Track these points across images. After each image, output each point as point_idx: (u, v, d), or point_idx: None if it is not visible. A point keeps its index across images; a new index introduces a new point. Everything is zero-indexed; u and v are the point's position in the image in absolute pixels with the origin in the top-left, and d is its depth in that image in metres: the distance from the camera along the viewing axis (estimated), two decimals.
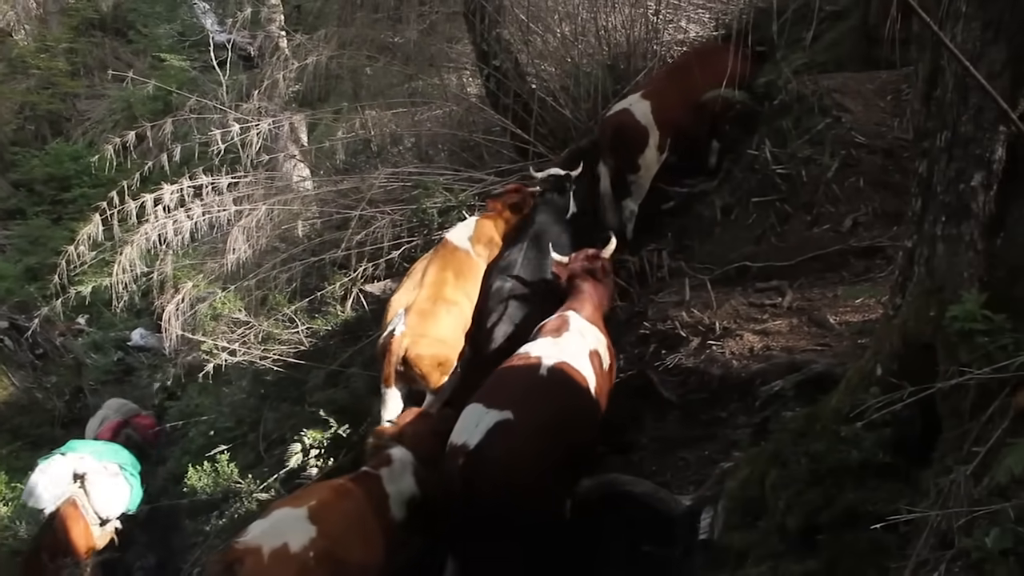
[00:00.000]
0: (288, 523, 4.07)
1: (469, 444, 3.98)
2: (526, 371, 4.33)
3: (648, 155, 6.44)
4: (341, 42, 8.17)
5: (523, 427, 4.04)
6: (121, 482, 6.52)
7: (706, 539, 3.66)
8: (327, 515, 4.16)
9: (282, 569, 3.92)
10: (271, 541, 3.96)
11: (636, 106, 6.45)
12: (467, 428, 4.06)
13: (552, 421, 4.13)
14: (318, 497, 4.27)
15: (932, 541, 2.51)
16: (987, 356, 2.57)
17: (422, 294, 5.49)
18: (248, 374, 7.83)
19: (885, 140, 5.82)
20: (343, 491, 4.39)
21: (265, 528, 4.04)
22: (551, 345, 4.45)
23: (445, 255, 5.82)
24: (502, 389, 4.27)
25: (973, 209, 2.72)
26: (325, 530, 4.08)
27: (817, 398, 3.53)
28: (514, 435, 4.01)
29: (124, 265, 7.17)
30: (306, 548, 3.98)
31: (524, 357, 4.43)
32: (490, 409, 4.09)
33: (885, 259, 5.07)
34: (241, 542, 3.96)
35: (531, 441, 4.03)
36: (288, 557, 3.93)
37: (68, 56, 18.37)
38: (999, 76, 2.58)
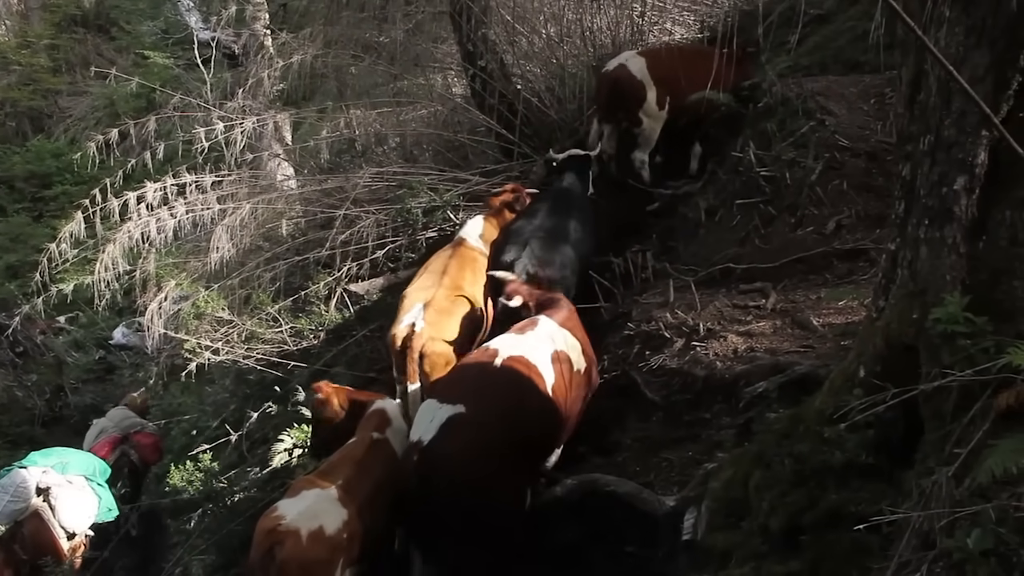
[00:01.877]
0: (322, 505, 4.22)
1: (423, 440, 4.07)
2: (481, 365, 4.40)
3: (648, 108, 6.60)
4: (326, 41, 8.16)
5: (474, 419, 4.11)
6: (88, 494, 6.35)
7: (689, 540, 3.66)
8: (356, 495, 4.33)
9: (320, 550, 4.10)
10: (308, 523, 4.11)
11: (631, 62, 6.59)
12: (422, 424, 4.17)
13: (504, 413, 4.19)
14: (344, 476, 4.41)
15: (914, 542, 2.52)
16: (969, 358, 2.59)
17: (441, 292, 5.52)
18: (231, 373, 7.79)
19: (868, 143, 5.85)
20: (365, 466, 4.52)
21: (301, 510, 4.18)
22: (512, 340, 4.52)
23: (464, 254, 5.90)
24: (457, 383, 4.37)
25: (956, 212, 2.73)
26: (355, 510, 4.27)
27: (800, 399, 3.54)
28: (465, 428, 4.08)
29: (106, 263, 7.14)
30: (340, 530, 4.17)
31: (482, 351, 4.53)
32: (443, 404, 4.16)
33: (868, 261, 5.09)
34: (282, 525, 4.10)
35: (482, 432, 4.10)
36: (325, 539, 4.11)
37: (50, 52, 18.25)
38: (982, 81, 2.60)
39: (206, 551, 6.22)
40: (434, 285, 5.57)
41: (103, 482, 6.53)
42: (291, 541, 4.06)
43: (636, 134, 6.75)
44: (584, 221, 6.07)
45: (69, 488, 6.15)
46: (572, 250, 5.80)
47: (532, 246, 5.59)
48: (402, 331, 5.25)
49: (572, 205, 6.14)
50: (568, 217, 5.97)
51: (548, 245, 5.68)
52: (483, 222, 6.16)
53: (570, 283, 5.71)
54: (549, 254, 5.63)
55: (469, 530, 4.08)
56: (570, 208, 6.09)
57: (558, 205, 6.08)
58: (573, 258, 5.78)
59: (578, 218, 6.04)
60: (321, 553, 4.12)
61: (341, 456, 4.68)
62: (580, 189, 6.39)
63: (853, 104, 6.22)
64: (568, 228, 5.90)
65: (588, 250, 6.02)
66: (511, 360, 4.34)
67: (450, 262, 5.78)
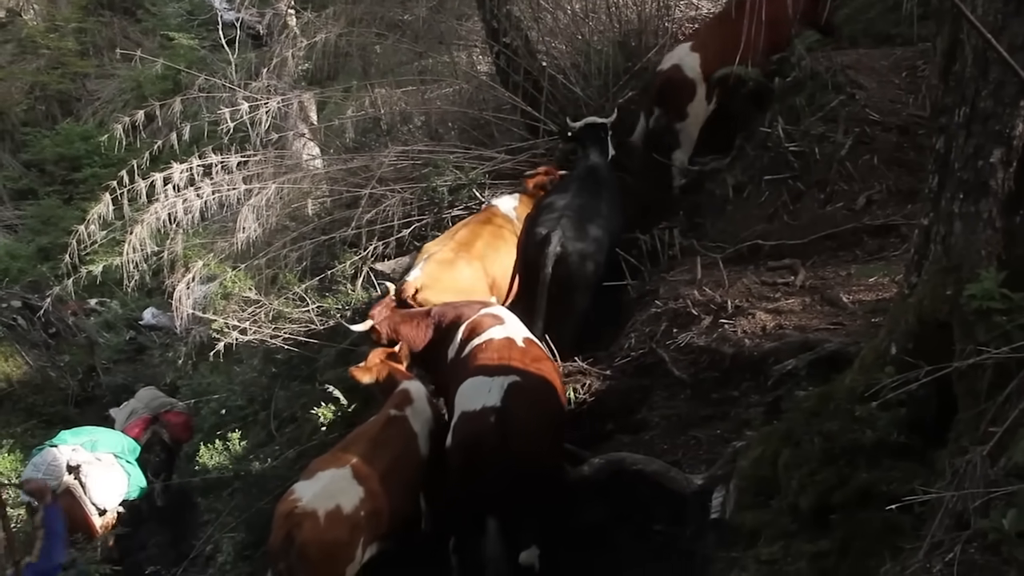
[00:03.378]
0: (338, 485, 4.29)
1: (496, 403, 4.24)
2: (508, 346, 4.64)
3: (696, 104, 6.57)
4: (350, 20, 8.11)
5: (530, 387, 4.39)
6: (117, 471, 6.44)
7: (718, 518, 3.66)
8: (372, 472, 4.38)
9: (338, 530, 4.16)
10: (325, 504, 4.18)
11: (686, 60, 6.57)
12: (481, 394, 4.31)
13: (545, 382, 4.52)
14: (359, 454, 4.45)
15: (947, 522, 2.49)
16: (1005, 335, 2.54)
17: (448, 245, 5.74)
18: (259, 353, 7.84)
19: (900, 117, 5.76)
20: (380, 443, 4.57)
21: (317, 491, 4.23)
22: (507, 329, 4.79)
23: (487, 217, 6.13)
24: (495, 362, 4.52)
25: (992, 186, 2.68)
26: (371, 488, 4.33)
27: (830, 377, 3.50)
28: (528, 394, 4.34)
29: (134, 244, 7.17)
30: (357, 508, 4.23)
31: (488, 342, 4.68)
32: (495, 376, 4.37)
33: (899, 237, 5.03)
34: (299, 507, 4.15)
35: (541, 399, 4.44)
36: (342, 518, 4.18)
37: (77, 36, 18.34)
38: (1021, 49, 2.54)
39: (236, 529, 6.28)
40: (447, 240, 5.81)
41: (132, 460, 6.62)
42: (309, 523, 4.10)
43: (678, 130, 6.65)
44: (613, 198, 6.18)
45: (99, 465, 6.26)
46: (601, 227, 5.89)
47: (564, 222, 5.71)
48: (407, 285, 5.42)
49: (601, 182, 6.23)
50: (598, 194, 6.08)
51: (579, 221, 5.79)
52: (518, 199, 6.36)
53: (596, 265, 5.81)
54: (581, 230, 5.76)
55: (538, 492, 4.30)
56: (600, 185, 6.19)
57: (588, 182, 6.17)
58: (601, 235, 5.86)
59: (607, 195, 6.15)
60: (340, 533, 4.16)
61: (357, 434, 4.75)
62: (606, 164, 6.42)
63: (884, 77, 6.13)
64: (598, 205, 6.01)
65: (617, 227, 6.10)
66: (527, 340, 4.73)
67: (471, 224, 6.01)
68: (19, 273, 13.17)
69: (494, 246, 5.94)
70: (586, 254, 5.75)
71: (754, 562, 3.12)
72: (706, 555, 3.64)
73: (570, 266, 5.67)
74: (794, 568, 2.96)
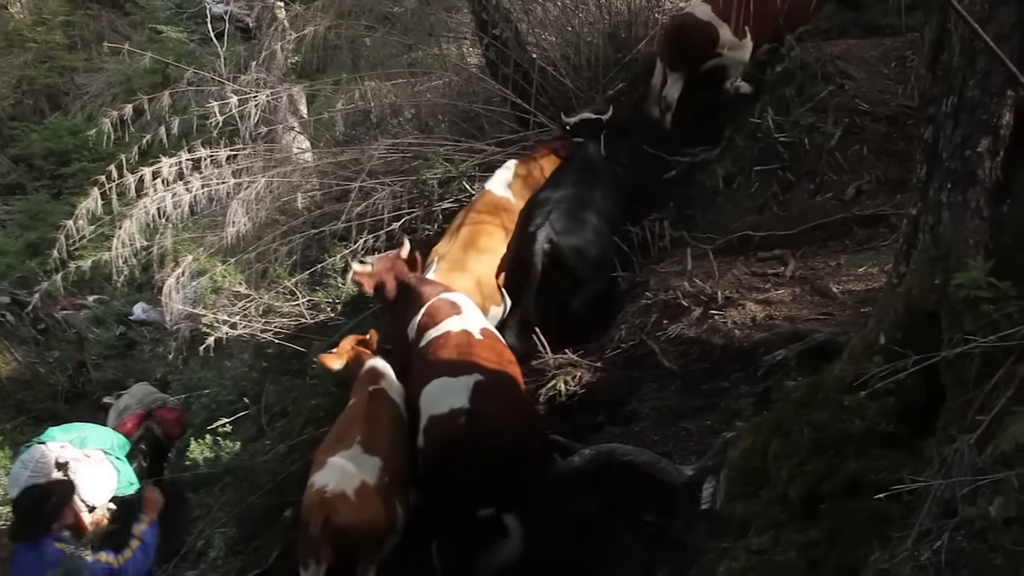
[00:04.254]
0: (354, 463, 4.37)
1: (463, 405, 4.28)
2: (467, 340, 4.68)
3: (726, 42, 6.62)
4: (339, 12, 8.09)
5: (495, 384, 4.44)
6: (107, 468, 6.41)
7: (708, 509, 3.66)
8: (378, 443, 4.50)
9: (372, 503, 4.28)
10: (351, 483, 4.27)
11: (697, 8, 6.64)
12: (447, 396, 4.36)
13: (506, 374, 4.58)
14: (360, 431, 4.56)
15: (935, 510, 2.50)
16: (992, 324, 2.54)
17: (455, 244, 5.74)
18: (249, 347, 7.82)
19: (889, 107, 5.77)
20: (373, 417, 4.67)
21: (338, 475, 4.31)
22: (464, 320, 4.83)
23: (483, 204, 6.07)
24: (457, 359, 4.55)
25: (979, 175, 2.68)
26: (384, 455, 4.45)
27: (820, 367, 3.51)
28: (493, 392, 4.39)
29: (124, 239, 7.13)
30: (380, 478, 4.35)
31: (446, 336, 4.73)
32: (458, 377, 4.41)
33: (888, 227, 5.04)
34: (328, 493, 4.23)
35: (507, 393, 4.51)
36: (371, 491, 4.29)
37: (65, 29, 18.24)
38: (1008, 39, 2.54)
39: (227, 524, 6.27)
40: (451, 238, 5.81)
41: (122, 456, 6.58)
42: (343, 505, 4.20)
43: (724, 66, 6.76)
44: (608, 189, 6.16)
45: (87, 462, 6.20)
46: (599, 219, 5.87)
47: (553, 216, 5.68)
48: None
49: (597, 174, 6.21)
50: (593, 186, 6.05)
51: (571, 215, 5.75)
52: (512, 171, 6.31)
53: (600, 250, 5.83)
54: (572, 224, 5.71)
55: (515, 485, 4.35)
56: (595, 177, 6.16)
57: (583, 175, 6.14)
58: (597, 224, 5.85)
59: (603, 187, 6.12)
60: (375, 506, 4.29)
61: (347, 417, 4.81)
62: (601, 157, 6.42)
63: (873, 68, 6.13)
64: (594, 197, 5.97)
65: (615, 218, 6.11)
66: (484, 332, 4.78)
67: (467, 213, 5.99)
68: (7, 269, 13.13)
69: (498, 237, 5.91)
70: (581, 247, 5.72)
71: (744, 552, 3.12)
72: (697, 545, 3.65)
73: (567, 261, 5.66)
74: (784, 558, 2.96)
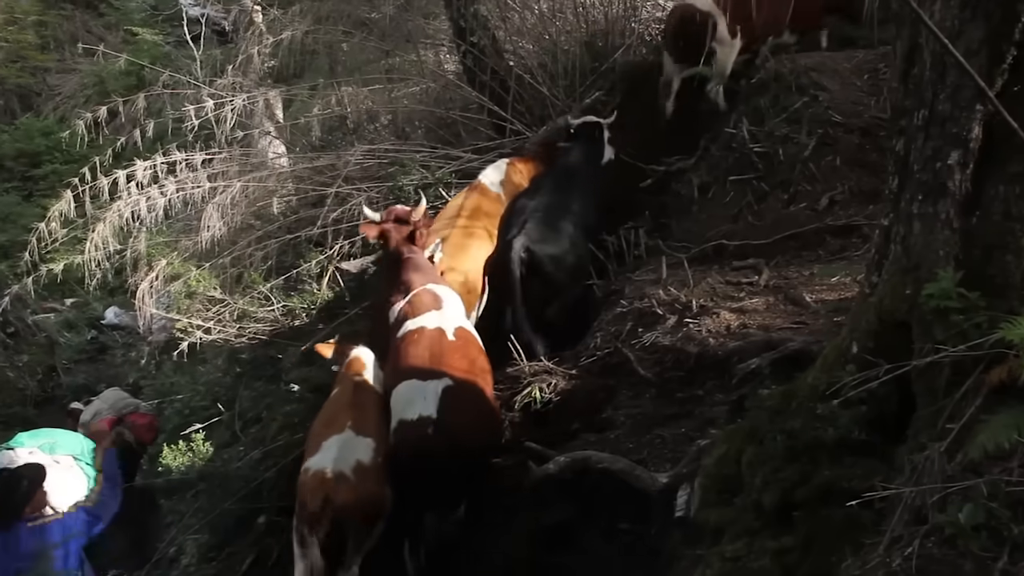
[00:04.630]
0: (349, 445, 4.48)
1: (431, 414, 4.38)
2: (439, 340, 4.75)
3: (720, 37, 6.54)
4: (316, 17, 8.08)
5: (463, 387, 4.54)
6: (76, 474, 6.33)
7: (682, 516, 3.67)
8: (368, 426, 4.62)
9: (369, 481, 4.40)
10: (347, 464, 4.39)
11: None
12: (416, 402, 4.45)
13: (475, 375, 4.68)
14: (350, 416, 4.66)
15: (906, 517, 2.53)
16: (962, 334, 2.58)
17: (458, 229, 5.82)
18: (223, 352, 7.77)
19: (862, 119, 5.84)
20: (358, 404, 4.79)
21: (335, 456, 4.42)
22: (442, 317, 4.89)
23: (480, 194, 6.16)
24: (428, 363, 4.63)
25: (949, 188, 2.72)
26: (375, 436, 4.57)
27: (793, 376, 3.53)
28: (461, 396, 4.50)
29: (97, 242, 7.08)
30: (374, 457, 4.47)
31: (420, 331, 4.80)
32: (427, 380, 4.51)
33: (861, 237, 5.09)
34: (328, 474, 4.33)
35: (474, 397, 4.60)
36: (367, 470, 4.41)
37: (37, 29, 18.07)
38: (977, 54, 2.57)
39: (200, 531, 6.22)
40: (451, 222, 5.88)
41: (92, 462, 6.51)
42: (343, 485, 4.31)
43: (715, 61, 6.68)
44: (586, 197, 6.15)
45: (56, 468, 6.12)
46: (575, 227, 5.89)
47: (529, 225, 5.70)
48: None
49: (576, 181, 6.22)
50: (570, 193, 6.07)
51: (547, 223, 5.77)
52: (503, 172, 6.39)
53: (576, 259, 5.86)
54: (547, 232, 5.73)
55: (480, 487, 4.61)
56: (573, 184, 6.18)
57: (561, 181, 6.19)
58: (574, 233, 5.87)
59: (580, 194, 6.12)
60: (372, 485, 4.41)
61: (335, 407, 4.89)
62: (586, 163, 6.44)
63: (846, 80, 6.21)
64: (571, 205, 5.98)
65: (592, 226, 6.12)
66: (457, 332, 4.83)
67: (467, 201, 6.08)
68: None
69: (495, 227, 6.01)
70: (558, 255, 5.73)
71: (718, 559, 3.14)
72: (671, 553, 3.66)
73: (543, 268, 5.67)
74: (758, 565, 2.98)
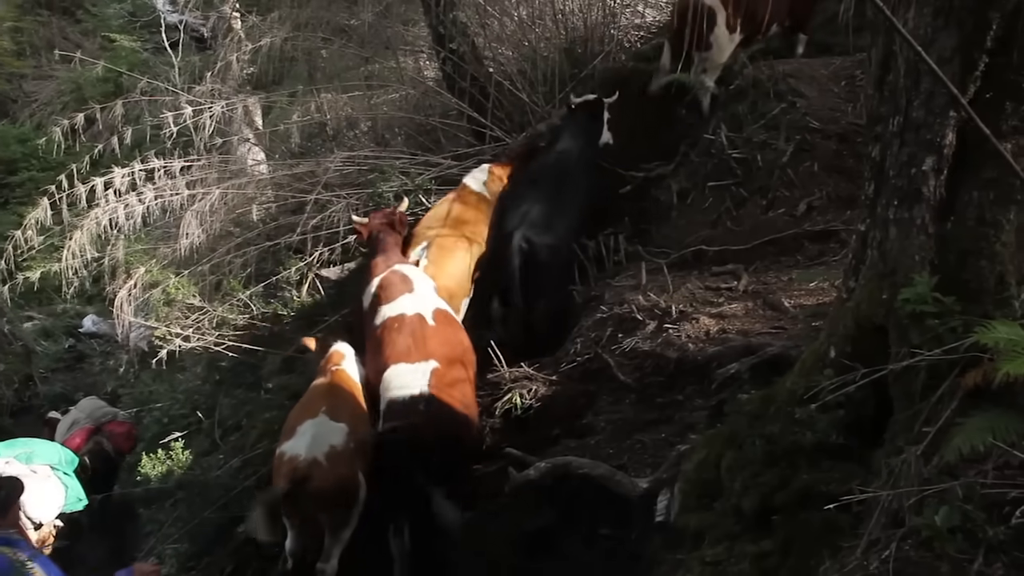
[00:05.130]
0: (322, 429, 4.61)
1: (423, 392, 4.63)
2: (421, 325, 5.00)
3: (719, 32, 6.56)
4: (296, 24, 8.05)
5: (448, 368, 4.78)
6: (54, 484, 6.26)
7: (663, 521, 3.68)
8: (343, 411, 4.77)
9: (341, 466, 4.50)
10: (320, 449, 4.50)
11: None
12: (408, 383, 4.68)
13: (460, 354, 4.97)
14: (326, 402, 4.82)
15: (884, 520, 2.55)
16: (937, 338, 2.60)
17: (445, 231, 5.90)
18: (203, 360, 7.73)
19: (839, 125, 5.88)
20: (335, 392, 4.96)
21: (308, 441, 4.53)
22: (415, 300, 5.15)
23: (466, 197, 6.24)
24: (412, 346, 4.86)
25: (924, 193, 2.75)
26: (349, 422, 4.70)
27: (772, 380, 3.55)
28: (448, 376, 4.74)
29: (74, 250, 7.02)
30: (346, 443, 4.59)
31: (400, 318, 5.03)
32: (416, 363, 4.75)
33: (839, 243, 5.13)
34: (301, 460, 4.44)
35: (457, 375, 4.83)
36: (340, 455, 4.52)
37: (13, 35, 17.91)
38: (949, 62, 2.61)
39: (179, 540, 6.17)
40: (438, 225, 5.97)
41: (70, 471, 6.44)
42: (316, 471, 4.42)
43: (704, 59, 6.70)
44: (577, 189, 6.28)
45: (34, 478, 6.05)
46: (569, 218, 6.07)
47: (531, 214, 5.89)
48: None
49: (569, 169, 6.33)
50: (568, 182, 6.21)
51: (547, 211, 5.95)
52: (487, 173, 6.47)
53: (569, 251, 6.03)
54: (548, 220, 5.92)
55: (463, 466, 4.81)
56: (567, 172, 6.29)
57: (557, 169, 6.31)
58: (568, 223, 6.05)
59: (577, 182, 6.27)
60: (344, 469, 4.50)
61: (312, 395, 5.03)
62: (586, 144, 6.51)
63: (824, 86, 6.25)
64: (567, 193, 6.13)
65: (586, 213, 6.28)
66: (436, 314, 5.08)
67: (454, 204, 6.15)
68: None
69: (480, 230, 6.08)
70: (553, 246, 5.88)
71: (699, 564, 3.15)
72: (652, 557, 3.67)
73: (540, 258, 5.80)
74: (737, 569, 3.00)
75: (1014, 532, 2.31)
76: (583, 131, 6.55)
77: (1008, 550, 2.29)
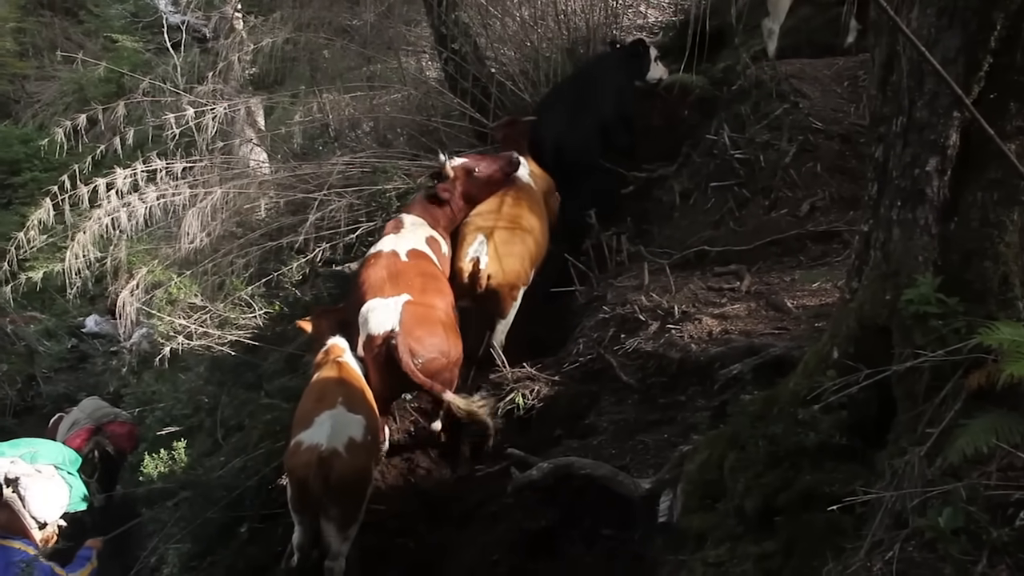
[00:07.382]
0: (341, 420, 4.65)
1: (394, 327, 4.90)
2: (392, 263, 5.29)
3: None
4: (297, 24, 8.05)
5: (421, 299, 5.07)
6: (58, 483, 6.27)
7: (665, 522, 3.68)
8: (357, 403, 4.82)
9: (361, 458, 4.59)
10: (340, 440, 4.54)
11: None
12: (383, 317, 4.96)
13: (432, 288, 5.22)
14: (341, 393, 4.84)
15: (887, 521, 2.54)
16: (941, 339, 2.60)
17: (502, 224, 5.83)
18: (205, 360, 7.72)
19: (842, 125, 5.87)
20: (344, 382, 4.98)
21: (328, 432, 4.56)
22: (395, 239, 5.46)
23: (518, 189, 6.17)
24: (383, 283, 5.14)
25: (928, 194, 2.74)
26: (364, 413, 4.78)
27: (775, 381, 3.55)
28: (419, 309, 5.01)
29: (76, 251, 7.03)
30: (364, 434, 4.67)
31: (377, 255, 5.37)
32: (388, 298, 5.02)
33: (842, 243, 5.12)
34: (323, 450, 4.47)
35: (429, 305, 5.10)
36: (359, 446, 4.59)
37: (16, 36, 17.92)
38: (953, 62, 2.60)
39: (181, 540, 6.16)
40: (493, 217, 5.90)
41: (74, 471, 6.46)
42: (338, 461, 4.46)
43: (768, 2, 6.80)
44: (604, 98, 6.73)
45: (38, 478, 6.07)
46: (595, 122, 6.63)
47: (557, 119, 6.57)
48: (467, 265, 5.57)
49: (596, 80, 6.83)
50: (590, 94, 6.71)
51: (573, 117, 6.57)
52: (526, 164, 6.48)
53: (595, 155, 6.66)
54: (573, 124, 6.55)
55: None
56: (593, 88, 6.77)
57: (584, 81, 6.85)
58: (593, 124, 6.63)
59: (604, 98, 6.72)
60: (363, 460, 4.61)
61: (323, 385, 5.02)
62: (624, 73, 6.90)
63: (827, 87, 6.25)
64: (589, 103, 6.61)
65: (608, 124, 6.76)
66: (410, 252, 5.36)
67: (507, 195, 6.06)
68: None
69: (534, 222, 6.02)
70: (582, 146, 6.51)
71: (701, 565, 3.15)
72: (654, 558, 3.67)
73: (567, 157, 6.44)
74: (740, 570, 3.00)
75: (1018, 534, 2.31)
76: (620, 62, 6.88)
77: (1012, 552, 2.29)
